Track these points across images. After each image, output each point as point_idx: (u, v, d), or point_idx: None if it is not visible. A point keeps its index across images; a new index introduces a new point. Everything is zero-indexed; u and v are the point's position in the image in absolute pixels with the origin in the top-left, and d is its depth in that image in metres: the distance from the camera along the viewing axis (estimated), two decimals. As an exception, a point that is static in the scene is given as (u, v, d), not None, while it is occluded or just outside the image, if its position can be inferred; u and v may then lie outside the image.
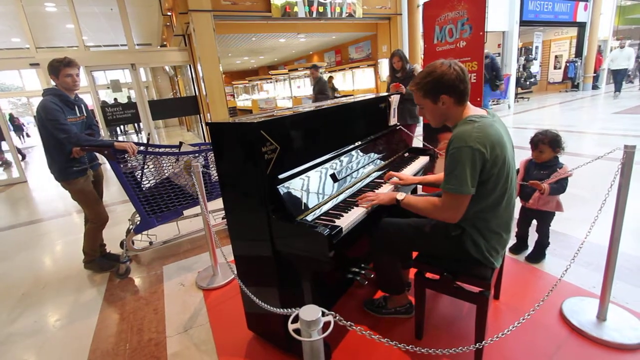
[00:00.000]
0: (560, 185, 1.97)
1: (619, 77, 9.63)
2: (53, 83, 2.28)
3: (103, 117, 6.68)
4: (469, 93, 1.33)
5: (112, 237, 2.91)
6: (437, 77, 1.29)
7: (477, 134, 1.22)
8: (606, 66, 10.37)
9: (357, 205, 1.47)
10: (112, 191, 4.84)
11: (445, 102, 1.32)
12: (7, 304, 2.31)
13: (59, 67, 2.18)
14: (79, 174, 2.35)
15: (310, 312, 0.74)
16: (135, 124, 13.36)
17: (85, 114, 2.41)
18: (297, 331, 0.77)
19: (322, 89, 6.22)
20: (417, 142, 2.95)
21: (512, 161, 1.34)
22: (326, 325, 0.77)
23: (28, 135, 14.60)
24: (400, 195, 1.47)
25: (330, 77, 11.68)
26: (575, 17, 11.61)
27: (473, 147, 1.20)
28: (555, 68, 13.08)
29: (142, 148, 2.39)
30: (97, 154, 2.47)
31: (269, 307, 1.09)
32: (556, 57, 13.00)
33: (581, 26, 11.98)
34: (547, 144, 1.99)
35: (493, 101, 9.94)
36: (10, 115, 14.42)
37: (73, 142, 2.20)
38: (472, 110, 1.34)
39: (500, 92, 9.51)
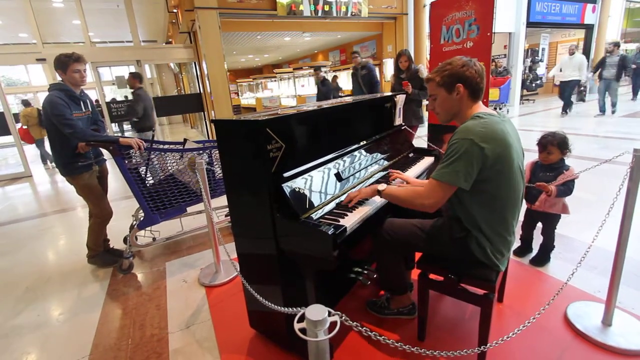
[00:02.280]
0: (567, 188, 1.95)
1: (567, 92, 7.71)
2: (59, 78, 2.29)
3: (108, 113, 6.73)
4: (483, 92, 1.34)
5: (116, 233, 2.92)
6: (457, 66, 1.30)
7: (481, 129, 1.21)
8: (552, 75, 8.16)
9: (360, 205, 1.46)
10: (116, 187, 4.86)
11: (459, 93, 1.31)
12: (11, 298, 2.33)
13: (68, 62, 2.19)
14: (85, 169, 2.36)
15: (317, 311, 0.74)
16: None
17: (90, 110, 2.42)
18: (302, 330, 0.76)
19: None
20: (417, 142, 2.94)
21: (520, 164, 1.32)
22: (332, 325, 0.77)
23: None
24: (381, 186, 1.46)
25: (335, 77, 11.66)
26: (582, 19, 11.52)
27: (474, 142, 1.19)
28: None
29: (146, 144, 2.39)
30: (103, 150, 2.48)
31: (273, 305, 1.08)
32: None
33: (589, 28, 11.89)
34: (556, 146, 1.98)
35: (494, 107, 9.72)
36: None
37: (78, 137, 2.21)
38: (482, 109, 1.34)
39: (505, 95, 9.40)
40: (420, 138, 2.98)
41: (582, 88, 8.08)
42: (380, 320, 1.76)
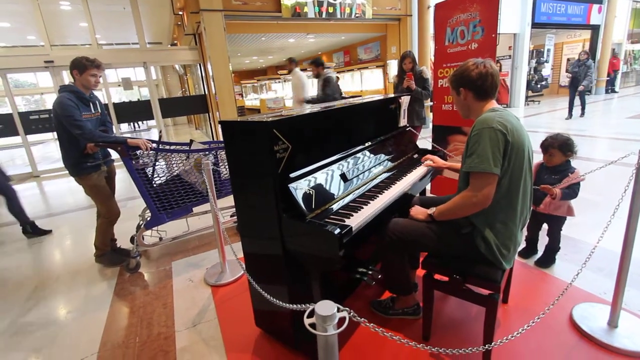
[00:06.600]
0: (572, 191, 1.95)
1: None
2: (66, 80, 2.34)
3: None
4: (490, 91, 1.40)
5: (123, 232, 2.95)
6: (460, 71, 1.43)
7: (499, 119, 1.29)
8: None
9: (366, 205, 1.48)
10: (124, 187, 4.90)
11: (464, 95, 1.44)
12: (20, 296, 2.37)
13: (88, 66, 2.26)
14: (93, 169, 2.39)
15: (326, 307, 0.76)
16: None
17: (99, 111, 2.46)
18: (312, 326, 0.78)
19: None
20: (421, 143, 2.94)
21: (529, 157, 1.38)
22: (341, 320, 0.78)
23: None
24: (430, 210, 1.51)
25: (337, 78, 11.67)
26: (588, 20, 11.46)
27: (495, 128, 1.26)
28: (567, 71, 12.90)
29: (154, 145, 2.43)
30: (110, 150, 2.52)
31: (282, 303, 1.10)
32: (568, 60, 12.84)
33: (595, 29, 11.82)
34: (557, 148, 1.98)
35: None
36: None
37: (87, 138, 2.25)
38: (496, 106, 1.42)
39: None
40: (425, 139, 2.99)
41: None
42: (385, 321, 1.77)
